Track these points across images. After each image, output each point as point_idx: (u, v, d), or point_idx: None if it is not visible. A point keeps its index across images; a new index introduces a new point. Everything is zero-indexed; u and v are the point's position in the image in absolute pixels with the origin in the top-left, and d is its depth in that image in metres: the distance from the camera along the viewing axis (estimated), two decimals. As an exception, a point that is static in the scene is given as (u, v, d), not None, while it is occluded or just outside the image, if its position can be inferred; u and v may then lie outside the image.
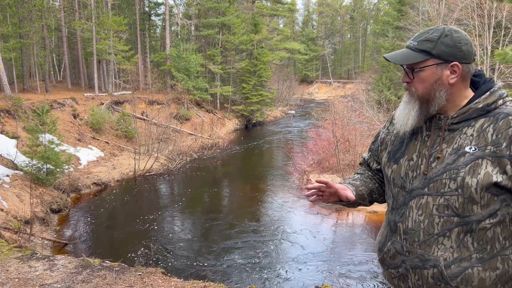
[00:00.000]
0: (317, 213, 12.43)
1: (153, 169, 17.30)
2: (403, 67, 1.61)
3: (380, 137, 1.84)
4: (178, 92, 27.33)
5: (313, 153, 16.89)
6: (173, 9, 36.18)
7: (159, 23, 40.28)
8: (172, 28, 35.96)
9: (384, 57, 1.66)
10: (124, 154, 19.34)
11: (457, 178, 1.48)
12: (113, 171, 16.53)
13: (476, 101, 1.55)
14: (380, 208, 12.49)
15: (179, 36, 33.80)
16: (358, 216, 12.29)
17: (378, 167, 1.87)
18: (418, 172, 1.58)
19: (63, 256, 4.66)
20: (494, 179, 1.44)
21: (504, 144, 1.46)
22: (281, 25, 55.73)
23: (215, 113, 30.03)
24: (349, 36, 68.61)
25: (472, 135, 1.52)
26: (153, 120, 22.36)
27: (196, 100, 28.75)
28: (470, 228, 1.49)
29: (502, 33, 15.98)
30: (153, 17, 38.62)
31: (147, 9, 37.24)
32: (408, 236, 1.58)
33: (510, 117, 1.49)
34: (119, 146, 20.16)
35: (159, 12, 37.82)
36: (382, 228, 1.78)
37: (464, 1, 18.57)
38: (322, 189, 1.74)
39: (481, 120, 1.53)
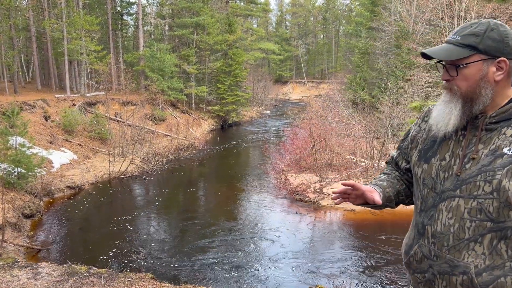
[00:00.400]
0: (296, 212, 12.48)
1: (129, 171, 17.01)
2: (442, 64, 1.52)
3: (410, 134, 1.73)
4: (152, 93, 26.97)
5: (290, 153, 16.97)
6: (146, 9, 35.69)
7: (132, 23, 39.64)
8: (145, 28, 35.46)
9: (423, 53, 1.55)
10: (98, 156, 18.93)
11: (492, 180, 1.39)
12: (87, 173, 16.16)
13: None
14: (357, 206, 12.64)
15: (153, 36, 33.36)
16: (335, 215, 12.42)
17: (408, 166, 1.76)
18: (450, 173, 1.49)
19: (46, 264, 4.50)
20: None
21: None
22: (255, 26, 55.82)
23: (190, 114, 29.78)
24: (322, 36, 69.32)
25: (511, 136, 1.43)
26: (127, 121, 21.99)
27: (171, 101, 28.44)
28: (504, 234, 1.40)
29: (471, 34, 16.43)
30: (125, 17, 38.00)
31: (119, 8, 36.59)
32: (437, 240, 1.49)
33: None
34: (93, 148, 19.73)
35: (131, 11, 37.22)
36: (410, 230, 1.70)
37: (434, 2, 19.04)
38: (348, 192, 1.66)
39: None
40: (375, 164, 15.11)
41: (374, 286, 8.13)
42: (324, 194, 13.51)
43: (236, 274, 8.61)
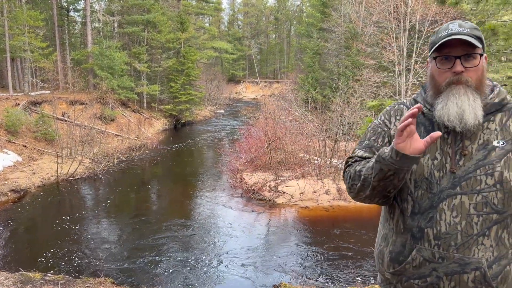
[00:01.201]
0: (252, 211, 12.55)
1: (78, 173, 16.38)
2: (453, 56, 1.48)
3: (387, 134, 1.65)
4: (102, 92, 26.09)
5: (245, 152, 17.02)
6: (94, 5, 34.46)
7: (79, 19, 38.11)
8: (94, 25, 34.22)
9: (447, 41, 1.47)
10: (45, 158, 18.08)
11: (494, 173, 1.43)
12: (33, 176, 15.39)
13: (491, 96, 1.54)
14: (311, 203, 12.93)
15: (102, 33, 32.28)
16: (291, 212, 12.60)
17: None
18: (444, 171, 1.47)
19: (-3, 271, 4.24)
20: None
21: None
22: (207, 24, 55.42)
23: (142, 113, 29.12)
24: (274, 36, 70.01)
25: (496, 129, 1.49)
26: (75, 121, 21.15)
27: (121, 100, 27.66)
28: (506, 223, 1.45)
29: (416, 35, 17.22)
30: (72, 13, 36.45)
31: (65, 4, 35.07)
32: (442, 241, 1.45)
33: None
34: (39, 149, 18.81)
35: (78, 7, 35.75)
36: (393, 236, 1.60)
37: (381, 4, 19.77)
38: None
39: (499, 115, 1.52)
40: (328, 162, 15.48)
41: (333, 280, 8.34)
42: (279, 192, 13.68)
43: (195, 275, 8.54)
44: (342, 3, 25.20)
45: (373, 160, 1.51)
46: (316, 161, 15.77)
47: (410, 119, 1.34)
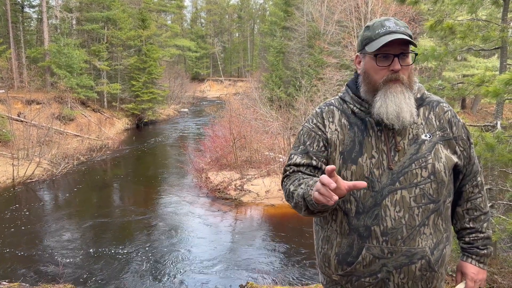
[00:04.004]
0: (218, 210, 12.46)
1: (35, 176, 15.74)
2: (391, 54, 1.49)
3: (322, 137, 1.62)
4: (60, 91, 25.17)
5: (210, 151, 16.89)
6: (50, 1, 33.17)
7: (35, 15, 36.56)
8: (50, 22, 32.93)
9: (389, 40, 1.46)
10: (-1, 160, 17.26)
11: (427, 165, 1.50)
12: (-13, 180, 14.66)
13: (414, 92, 1.59)
14: (277, 201, 12.98)
15: (59, 30, 31.14)
16: (257, 211, 12.60)
17: (324, 165, 1.61)
18: (383, 168, 1.50)
19: None
20: (454, 159, 1.58)
21: (448, 128, 1.59)
22: (170, 22, 54.66)
23: (102, 113, 28.33)
24: (237, 34, 69.90)
25: (422, 123, 1.57)
26: (32, 122, 20.31)
27: (80, 99, 26.77)
28: (440, 210, 1.54)
29: (377, 35, 17.62)
30: (27, 9, 34.93)
31: (19, 0, 33.57)
32: (389, 236, 1.49)
33: (441, 104, 1.63)
34: (-8, 151, 17.93)
35: (33, 3, 34.30)
36: (335, 239, 1.59)
37: (343, 4, 20.10)
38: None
39: (422, 109, 1.60)
40: (293, 160, 15.59)
41: (300, 277, 8.39)
42: (245, 190, 13.65)
43: (160, 278, 8.37)
44: (304, 2, 25.45)
45: (303, 188, 1.46)
46: (281, 159, 15.85)
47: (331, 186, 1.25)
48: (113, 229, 11.11)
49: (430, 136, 1.54)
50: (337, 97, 1.71)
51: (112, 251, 9.58)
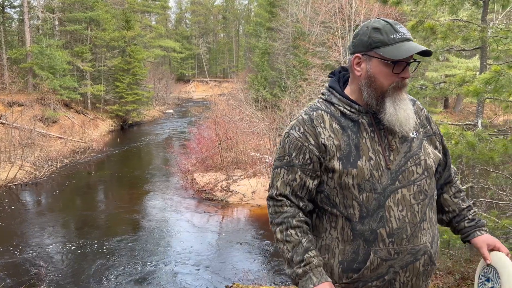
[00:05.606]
0: (204, 212, 12.42)
1: (17, 178, 15.48)
2: (404, 61, 1.49)
3: (310, 150, 1.54)
4: (42, 92, 24.79)
5: (196, 152, 16.83)
6: (32, 1, 32.63)
7: (16, 16, 35.93)
8: (32, 22, 32.42)
9: (418, 53, 1.48)
10: (-20, 163, 16.92)
11: (421, 162, 1.54)
12: (-33, 183, 14.37)
13: None
14: (263, 202, 12.98)
15: (41, 31, 30.68)
16: (243, 211, 12.60)
17: (317, 182, 1.56)
18: (382, 169, 1.49)
19: None
20: (439, 154, 1.63)
21: (427, 124, 1.65)
22: (154, 23, 54.30)
23: (86, 114, 27.98)
24: (223, 35, 69.76)
25: None
26: (14, 124, 19.98)
27: (64, 100, 26.40)
28: (431, 204, 1.57)
29: (361, 36, 17.78)
30: (8, 10, 34.29)
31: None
32: (395, 237, 1.47)
33: (416, 102, 1.68)
34: (-27, 154, 17.58)
35: (15, 4, 33.68)
36: (336, 247, 1.54)
37: (327, 5, 20.23)
38: None
39: None
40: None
41: (286, 277, 8.40)
42: (232, 191, 13.63)
43: (145, 280, 8.31)
44: (289, 3, 25.54)
45: (289, 251, 1.51)
46: (267, 160, 15.87)
47: None
48: (97, 232, 10.98)
49: (417, 134, 1.58)
50: (320, 99, 1.64)
51: (96, 255, 9.47)
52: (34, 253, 9.59)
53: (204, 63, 61.90)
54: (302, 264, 1.47)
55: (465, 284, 5.49)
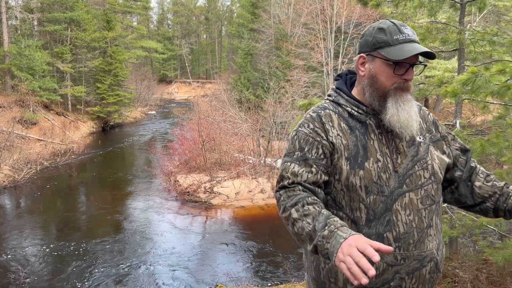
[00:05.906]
0: (187, 213, 12.36)
1: (-4, 182, 15.14)
2: (408, 63, 1.47)
3: (323, 144, 1.50)
4: (21, 94, 24.34)
5: (179, 154, 16.73)
6: (10, 1, 31.99)
7: (-7, 15, 35.16)
8: (10, 22, 31.79)
9: (421, 54, 1.46)
10: (-44, 166, 16.51)
11: (428, 167, 1.51)
12: None
13: None
14: (247, 203, 13.00)
15: (19, 32, 30.10)
16: (227, 213, 12.58)
17: (326, 178, 1.50)
18: (389, 172, 1.47)
19: None
20: (446, 160, 1.58)
21: (434, 129, 1.62)
22: (136, 23, 53.80)
23: (66, 116, 27.54)
24: (205, 36, 69.52)
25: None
26: (-9, 126, 19.55)
27: (43, 102, 25.94)
28: (438, 210, 1.54)
29: (342, 36, 17.95)
30: (-16, 9, 33.55)
31: (-25, -2, 32.24)
32: (402, 242, 1.44)
33: (422, 107, 1.66)
34: (-51, 157, 17.14)
35: (-9, 3, 32.98)
36: None
37: (309, 6, 20.37)
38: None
39: None
40: (262, 161, 15.66)
41: (268, 278, 8.42)
42: (215, 193, 13.60)
43: (128, 283, 8.22)
44: (271, 5, 25.64)
45: (311, 225, 1.33)
46: (250, 161, 15.89)
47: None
48: (77, 234, 10.83)
49: (423, 138, 1.56)
50: (327, 100, 1.62)
51: (75, 256, 9.33)
52: (11, 257, 9.40)
53: (186, 64, 61.63)
54: (327, 227, 1.30)
55: (445, 282, 5.59)
